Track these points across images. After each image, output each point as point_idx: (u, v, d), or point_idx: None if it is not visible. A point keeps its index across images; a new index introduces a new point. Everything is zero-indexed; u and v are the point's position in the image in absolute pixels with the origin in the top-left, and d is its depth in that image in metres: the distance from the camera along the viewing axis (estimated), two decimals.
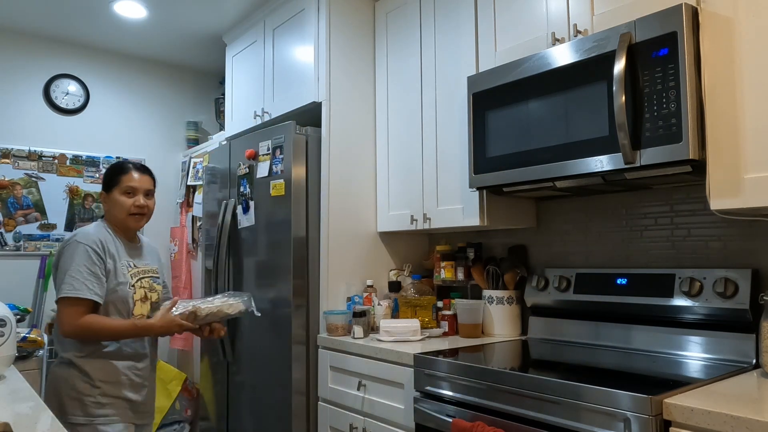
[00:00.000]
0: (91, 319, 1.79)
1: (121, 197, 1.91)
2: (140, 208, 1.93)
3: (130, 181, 1.92)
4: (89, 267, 1.80)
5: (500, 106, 1.95)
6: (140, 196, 1.93)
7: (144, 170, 1.98)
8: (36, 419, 1.33)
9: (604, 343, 2.00)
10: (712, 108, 1.48)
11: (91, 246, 1.83)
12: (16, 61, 3.41)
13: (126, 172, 1.93)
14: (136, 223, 1.95)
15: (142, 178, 1.94)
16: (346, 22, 2.63)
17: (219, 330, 1.97)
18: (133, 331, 1.83)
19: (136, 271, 1.94)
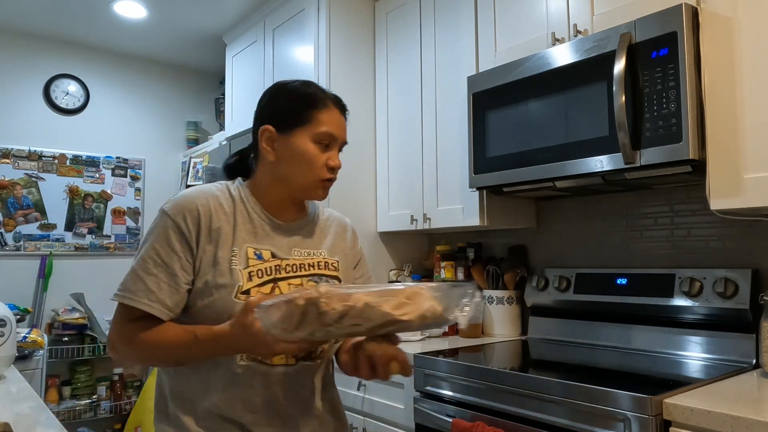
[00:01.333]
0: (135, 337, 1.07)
1: (310, 146, 1.13)
2: (333, 172, 1.17)
3: (330, 124, 1.15)
4: (162, 257, 1.08)
5: (500, 106, 1.95)
6: (336, 151, 1.18)
7: (345, 109, 1.22)
8: (36, 419, 1.33)
9: (604, 343, 2.00)
10: (712, 108, 1.48)
11: (176, 221, 1.08)
12: (16, 61, 3.41)
13: (324, 106, 1.15)
14: (325, 192, 1.18)
15: (342, 122, 1.19)
16: (346, 22, 2.63)
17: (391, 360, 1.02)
18: (188, 345, 1.04)
19: (266, 267, 1.11)
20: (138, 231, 3.78)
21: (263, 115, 1.17)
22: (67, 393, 3.31)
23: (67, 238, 3.50)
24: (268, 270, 1.11)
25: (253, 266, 1.10)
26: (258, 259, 1.11)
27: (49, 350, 3.07)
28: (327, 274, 1.19)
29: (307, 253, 1.18)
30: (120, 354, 1.08)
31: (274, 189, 1.17)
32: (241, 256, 1.09)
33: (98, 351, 3.30)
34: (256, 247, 1.12)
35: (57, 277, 3.43)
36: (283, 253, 1.14)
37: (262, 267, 1.11)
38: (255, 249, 1.11)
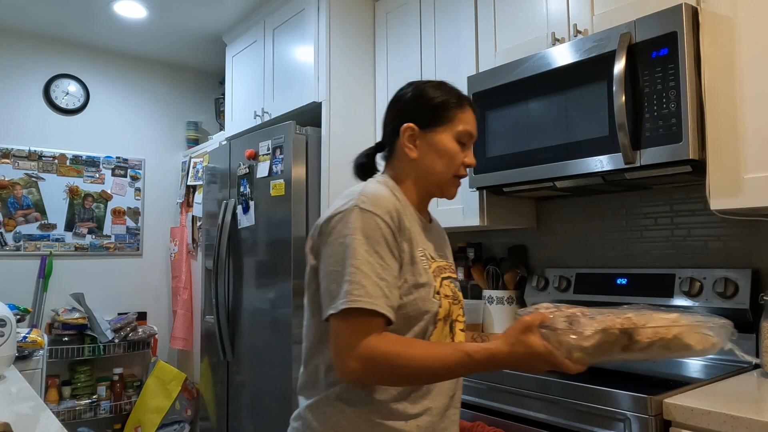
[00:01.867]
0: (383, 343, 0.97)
1: (453, 143, 1.16)
2: (466, 170, 1.21)
3: (469, 123, 1.18)
4: (383, 258, 1.02)
5: (500, 106, 1.95)
6: (471, 150, 1.21)
7: (476, 108, 1.24)
8: (36, 419, 1.33)
9: None
10: (712, 108, 1.48)
11: (385, 220, 1.05)
12: (16, 61, 3.41)
13: (463, 107, 1.18)
14: (456, 190, 1.22)
15: (475, 123, 1.22)
16: (346, 22, 2.63)
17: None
18: (461, 364, 0.97)
19: (435, 267, 1.14)
20: (138, 231, 3.78)
21: (404, 113, 1.19)
22: (67, 393, 3.31)
23: (67, 238, 3.50)
24: (437, 269, 1.14)
25: (433, 266, 1.13)
26: (429, 259, 1.14)
27: (49, 350, 3.07)
28: (456, 278, 1.23)
29: (440, 255, 1.20)
30: (369, 371, 0.96)
31: (415, 187, 1.19)
32: (426, 255, 1.13)
33: (98, 351, 3.30)
34: (424, 248, 1.14)
35: (57, 277, 3.43)
36: (437, 254, 1.19)
37: (434, 266, 1.14)
38: (423, 249, 1.13)
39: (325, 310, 1.01)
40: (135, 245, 3.77)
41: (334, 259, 1.02)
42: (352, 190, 1.11)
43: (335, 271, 1.01)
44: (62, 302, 3.39)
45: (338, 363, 0.98)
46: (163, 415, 3.31)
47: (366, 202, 1.04)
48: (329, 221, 1.06)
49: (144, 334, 3.49)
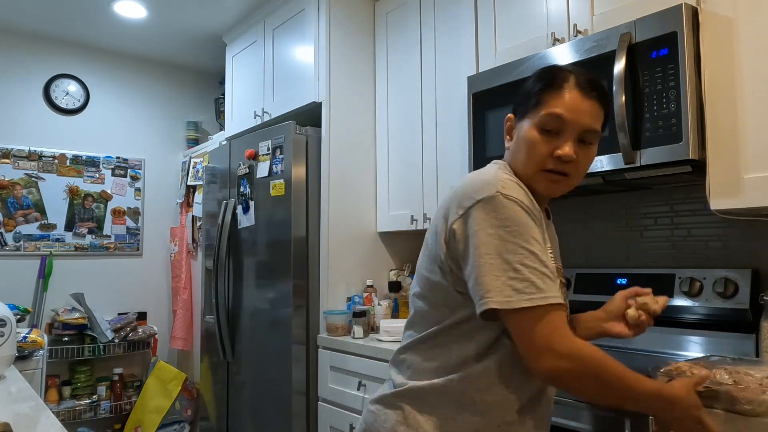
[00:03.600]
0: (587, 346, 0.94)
1: (533, 132, 1.02)
2: (563, 164, 1.01)
3: (560, 105, 1.00)
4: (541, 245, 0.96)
5: (500, 106, 1.95)
6: (569, 140, 1.01)
7: (593, 89, 1.02)
8: (36, 419, 1.33)
9: (604, 343, 2.00)
10: (712, 108, 1.48)
11: (529, 209, 0.97)
12: (16, 61, 3.41)
13: (557, 87, 1.01)
14: (551, 186, 1.05)
15: (584, 105, 1.00)
16: (346, 22, 2.63)
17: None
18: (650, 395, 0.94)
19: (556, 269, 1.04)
20: (138, 231, 3.78)
21: (515, 103, 1.12)
22: (67, 393, 3.31)
23: (67, 238, 3.50)
24: (558, 272, 1.04)
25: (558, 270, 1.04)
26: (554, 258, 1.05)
27: (49, 350, 3.07)
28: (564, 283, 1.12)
29: (554, 257, 1.08)
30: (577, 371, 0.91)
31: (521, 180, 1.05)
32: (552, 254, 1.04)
33: (98, 351, 3.30)
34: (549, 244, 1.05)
35: (57, 277, 3.43)
36: (555, 253, 1.10)
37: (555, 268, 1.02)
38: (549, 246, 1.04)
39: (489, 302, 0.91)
40: (135, 245, 3.77)
41: (490, 249, 0.92)
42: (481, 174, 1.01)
43: (496, 264, 0.92)
44: (62, 302, 3.39)
45: (541, 361, 0.91)
46: (163, 415, 3.31)
47: (506, 189, 0.96)
48: (473, 208, 0.95)
49: (144, 334, 3.49)
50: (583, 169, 1.04)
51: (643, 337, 1.88)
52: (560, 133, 1.01)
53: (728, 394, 1.14)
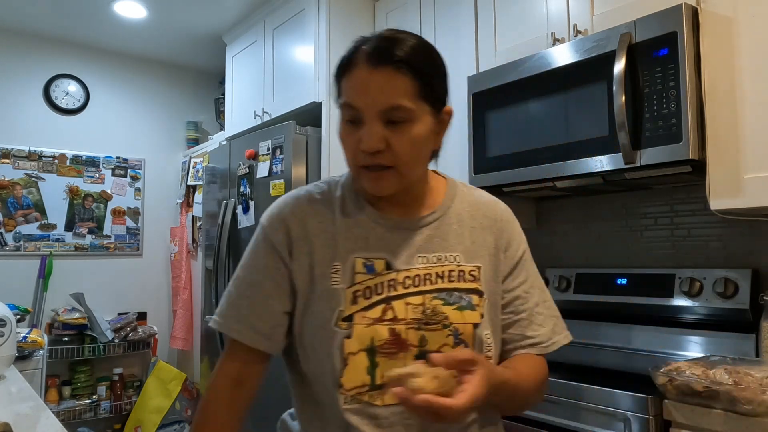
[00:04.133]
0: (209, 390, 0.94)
1: (343, 125, 0.88)
2: (372, 157, 0.84)
3: (350, 90, 0.84)
4: (252, 275, 0.92)
5: (500, 106, 1.95)
6: (370, 128, 0.83)
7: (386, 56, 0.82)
8: (36, 419, 1.33)
9: (604, 343, 2.00)
10: (712, 108, 1.48)
11: (268, 233, 0.93)
12: (16, 61, 3.41)
13: (350, 68, 0.85)
14: (376, 185, 0.87)
15: (375, 79, 0.82)
16: (346, 23, 2.63)
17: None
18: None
19: (378, 283, 0.88)
20: (138, 231, 3.78)
21: None
22: (67, 393, 3.31)
23: (67, 238, 3.50)
24: (379, 287, 0.87)
25: (360, 283, 0.87)
26: (368, 273, 0.88)
27: (49, 350, 3.07)
28: (462, 287, 0.89)
29: (436, 259, 0.90)
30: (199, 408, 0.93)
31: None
32: (346, 272, 0.88)
33: (98, 351, 3.30)
34: (368, 257, 0.89)
35: (57, 277, 3.43)
36: (402, 261, 0.89)
37: (372, 284, 0.87)
38: (366, 259, 0.89)
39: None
40: (135, 245, 3.77)
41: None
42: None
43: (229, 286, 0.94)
44: (62, 302, 3.39)
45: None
46: (163, 415, 3.31)
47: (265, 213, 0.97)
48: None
49: (144, 334, 3.49)
50: (405, 154, 0.83)
51: (643, 337, 1.88)
52: (361, 122, 0.84)
53: (728, 394, 1.15)
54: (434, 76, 0.86)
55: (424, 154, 0.89)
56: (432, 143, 0.89)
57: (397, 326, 0.86)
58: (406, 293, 0.88)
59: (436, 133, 0.89)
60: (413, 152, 0.85)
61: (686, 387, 1.23)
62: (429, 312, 0.87)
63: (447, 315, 0.87)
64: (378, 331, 0.85)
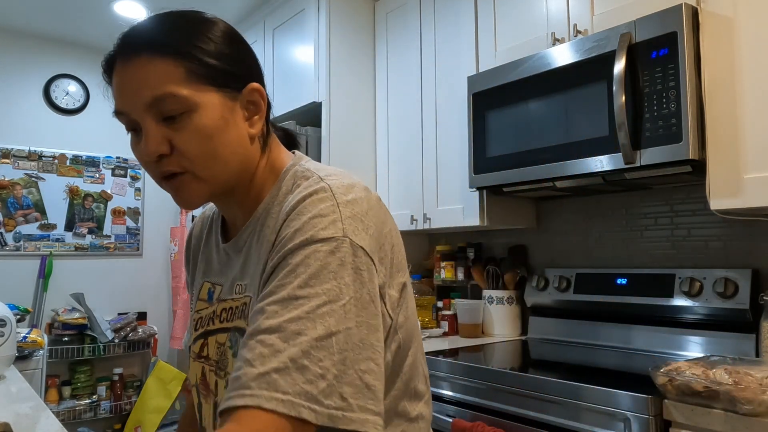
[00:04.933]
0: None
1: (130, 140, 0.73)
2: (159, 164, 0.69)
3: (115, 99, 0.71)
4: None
5: (500, 106, 1.95)
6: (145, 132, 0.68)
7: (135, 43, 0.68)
8: (36, 419, 1.33)
9: (604, 343, 2.00)
10: (712, 108, 1.48)
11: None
12: (16, 61, 3.41)
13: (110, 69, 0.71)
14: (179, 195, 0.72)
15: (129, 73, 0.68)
16: (346, 22, 2.63)
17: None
18: None
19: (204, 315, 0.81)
20: (138, 231, 3.78)
21: None
22: (67, 393, 3.31)
23: (67, 238, 3.50)
24: (205, 319, 0.79)
25: (197, 312, 0.82)
26: (207, 301, 0.80)
27: (49, 350, 3.07)
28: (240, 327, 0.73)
29: (241, 289, 0.75)
30: None
31: None
32: (194, 297, 0.85)
33: (98, 351, 3.30)
34: (214, 281, 0.81)
35: (57, 277, 3.43)
36: (225, 290, 0.78)
37: (204, 314, 0.80)
38: (211, 284, 0.81)
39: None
40: (135, 245, 3.76)
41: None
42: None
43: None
44: (62, 302, 3.39)
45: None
46: (163, 415, 3.31)
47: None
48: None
49: (144, 334, 3.49)
50: (193, 152, 0.68)
51: (644, 337, 1.89)
52: (139, 128, 0.70)
53: (728, 394, 1.15)
54: (206, 51, 0.69)
55: (225, 146, 0.70)
56: (235, 131, 0.71)
57: (207, 366, 0.77)
58: (218, 329, 0.76)
59: (240, 118, 0.72)
60: (204, 147, 0.68)
61: (686, 387, 1.23)
62: (221, 357, 0.75)
63: (228, 363, 0.73)
64: (196, 367, 0.79)
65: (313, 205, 0.66)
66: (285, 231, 0.66)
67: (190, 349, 0.81)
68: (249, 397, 0.54)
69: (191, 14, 0.72)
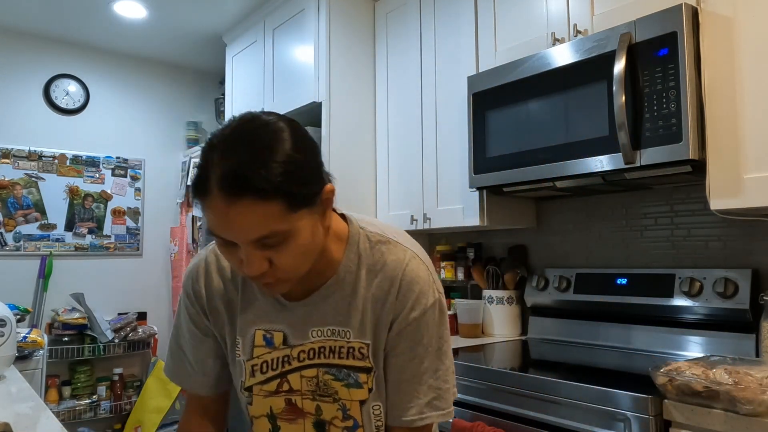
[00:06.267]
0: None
1: (216, 240, 0.78)
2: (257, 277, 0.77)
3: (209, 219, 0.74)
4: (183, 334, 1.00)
5: (500, 106, 1.95)
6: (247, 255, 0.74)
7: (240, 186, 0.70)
8: (36, 419, 1.33)
9: (604, 343, 2.00)
10: (712, 108, 1.48)
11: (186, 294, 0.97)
12: (16, 61, 3.41)
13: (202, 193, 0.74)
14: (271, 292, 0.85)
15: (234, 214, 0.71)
16: (346, 22, 2.63)
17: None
18: None
19: (273, 358, 0.91)
20: (138, 231, 3.78)
21: None
22: (67, 393, 3.31)
23: (67, 238, 3.50)
24: (275, 363, 0.90)
25: (258, 357, 0.90)
26: (267, 347, 0.90)
27: (49, 350, 3.07)
28: (350, 364, 0.88)
29: (330, 332, 0.88)
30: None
31: None
32: (246, 344, 0.91)
33: (98, 351, 3.30)
34: (268, 329, 0.90)
35: (57, 277, 3.43)
36: (297, 335, 0.89)
37: (269, 358, 0.90)
38: (266, 332, 0.90)
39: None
40: (135, 245, 3.76)
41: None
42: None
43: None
44: (62, 302, 3.39)
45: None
46: (163, 415, 3.31)
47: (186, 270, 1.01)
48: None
49: (144, 334, 3.49)
50: (292, 267, 0.77)
51: (644, 337, 1.89)
52: (229, 245, 0.76)
53: (728, 394, 1.15)
54: (299, 181, 0.73)
55: (313, 251, 0.80)
56: (319, 234, 0.80)
57: (293, 397, 0.91)
58: (301, 366, 0.90)
59: (320, 219, 0.80)
60: (299, 261, 0.78)
61: (686, 387, 1.23)
62: (322, 385, 0.90)
63: (337, 390, 0.89)
64: (275, 401, 0.92)
65: (415, 275, 0.87)
66: (403, 301, 0.87)
67: (251, 389, 0.92)
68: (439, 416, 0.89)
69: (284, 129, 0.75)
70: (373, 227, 0.91)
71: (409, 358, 0.88)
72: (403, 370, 0.88)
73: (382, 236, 0.90)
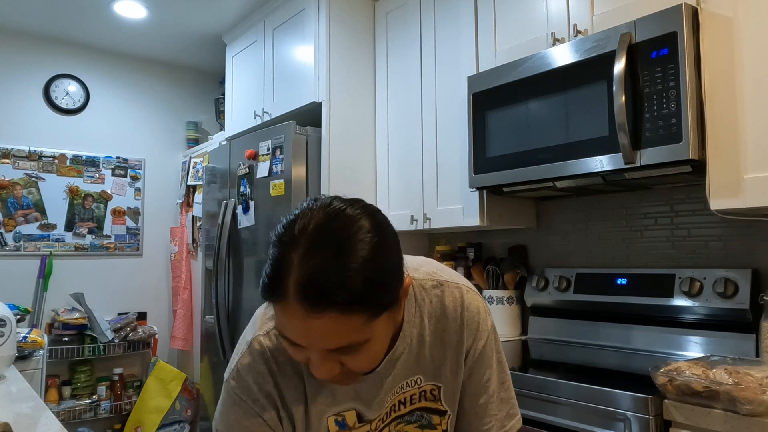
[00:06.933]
0: None
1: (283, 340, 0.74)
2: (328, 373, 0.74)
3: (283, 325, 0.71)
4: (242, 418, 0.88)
5: (500, 106, 1.95)
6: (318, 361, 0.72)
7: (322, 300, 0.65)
8: (36, 419, 1.33)
9: (604, 343, 2.00)
10: (712, 108, 1.48)
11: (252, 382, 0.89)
12: (16, 61, 3.41)
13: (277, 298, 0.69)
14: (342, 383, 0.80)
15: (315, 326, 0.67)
16: (346, 22, 2.63)
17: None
18: None
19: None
20: (138, 231, 3.78)
21: None
22: (67, 393, 3.31)
23: (67, 238, 3.50)
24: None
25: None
26: (341, 430, 0.85)
27: (49, 350, 3.07)
28: (422, 406, 0.89)
29: (399, 389, 0.87)
30: None
31: None
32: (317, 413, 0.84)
33: (98, 351, 3.30)
34: (338, 411, 0.84)
35: (57, 277, 3.43)
36: (374, 409, 0.85)
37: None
38: (336, 415, 0.84)
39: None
40: (135, 245, 3.76)
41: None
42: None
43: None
44: (62, 302, 3.39)
45: None
46: (163, 415, 3.31)
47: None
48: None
49: (144, 334, 3.49)
50: (362, 365, 0.73)
51: (644, 337, 1.89)
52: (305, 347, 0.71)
53: (728, 394, 1.15)
54: (389, 287, 0.71)
55: (387, 343, 0.78)
56: (396, 324, 0.81)
57: None
58: (385, 425, 0.89)
59: (397, 312, 0.79)
60: (375, 360, 0.76)
61: (686, 387, 1.23)
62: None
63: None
64: None
65: (475, 308, 0.90)
66: (471, 336, 0.90)
67: None
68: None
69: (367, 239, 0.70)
70: (418, 273, 0.90)
71: (483, 382, 0.91)
72: (478, 395, 0.91)
73: (432, 279, 0.90)
